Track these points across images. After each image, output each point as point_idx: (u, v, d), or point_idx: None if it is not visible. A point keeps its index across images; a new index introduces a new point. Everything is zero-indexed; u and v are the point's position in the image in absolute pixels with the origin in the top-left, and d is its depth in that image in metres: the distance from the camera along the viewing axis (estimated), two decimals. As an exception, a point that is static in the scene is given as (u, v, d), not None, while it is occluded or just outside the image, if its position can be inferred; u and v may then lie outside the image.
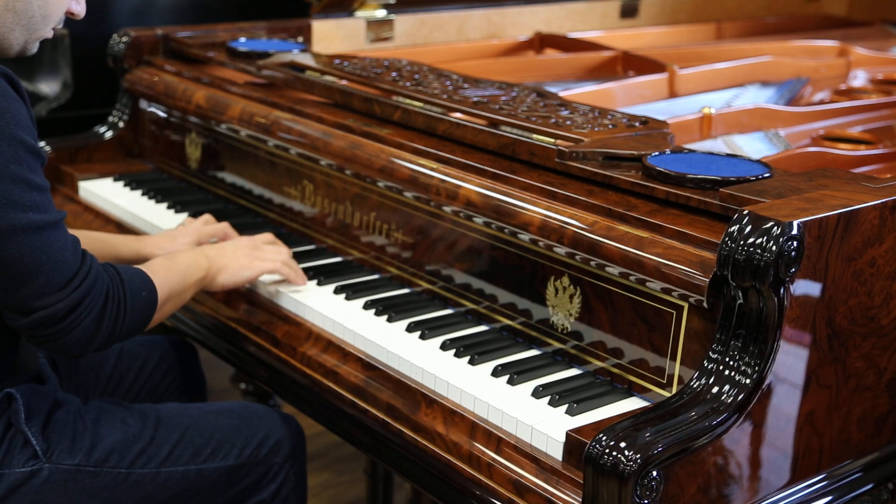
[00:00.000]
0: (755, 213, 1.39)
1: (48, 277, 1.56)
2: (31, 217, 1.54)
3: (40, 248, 1.55)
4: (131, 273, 1.71)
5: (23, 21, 1.62)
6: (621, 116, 1.93)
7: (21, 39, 1.64)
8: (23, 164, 1.54)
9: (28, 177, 1.54)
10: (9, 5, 1.60)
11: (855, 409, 1.57)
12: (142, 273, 1.73)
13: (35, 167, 1.57)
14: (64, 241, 1.59)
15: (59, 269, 1.57)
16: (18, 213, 1.53)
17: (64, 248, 1.58)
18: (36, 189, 1.56)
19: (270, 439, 1.89)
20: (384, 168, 1.97)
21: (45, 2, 1.64)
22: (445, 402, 1.63)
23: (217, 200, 2.47)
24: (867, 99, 2.60)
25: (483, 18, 3.14)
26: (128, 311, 1.66)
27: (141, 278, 1.72)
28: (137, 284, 1.70)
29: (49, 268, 1.55)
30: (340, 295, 1.96)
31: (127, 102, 2.74)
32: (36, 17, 1.63)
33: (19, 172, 1.53)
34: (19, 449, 1.68)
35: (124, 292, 1.66)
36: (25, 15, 1.62)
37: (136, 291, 1.69)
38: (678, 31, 3.35)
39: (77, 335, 1.60)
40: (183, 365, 2.21)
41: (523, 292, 1.76)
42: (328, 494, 3.15)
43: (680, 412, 1.38)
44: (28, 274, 1.55)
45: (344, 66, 2.32)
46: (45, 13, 1.64)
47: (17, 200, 1.53)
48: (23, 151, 1.53)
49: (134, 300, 1.68)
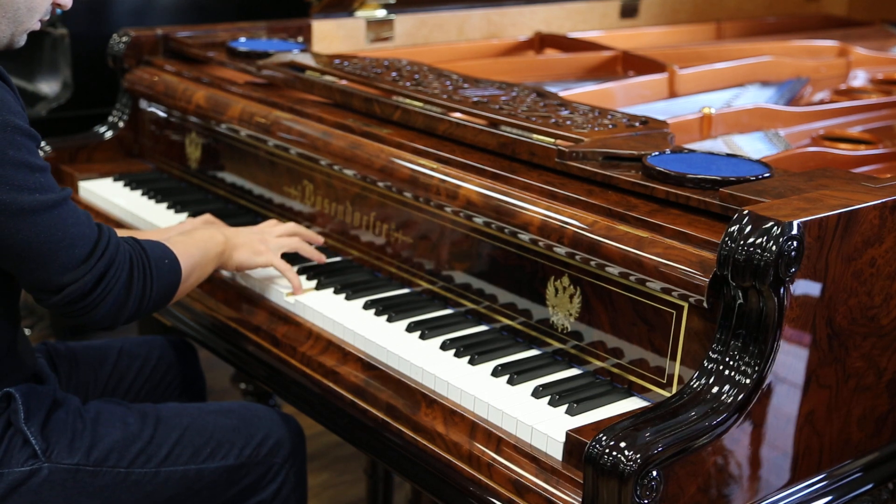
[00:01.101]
0: (755, 213, 1.39)
1: (68, 253, 1.59)
2: (38, 198, 1.56)
3: (54, 225, 1.57)
4: (151, 243, 1.74)
5: (8, 14, 1.63)
6: (621, 116, 1.93)
7: (7, 32, 1.65)
8: (21, 149, 1.56)
9: (28, 159, 1.57)
10: None
11: (855, 409, 1.57)
12: (160, 243, 1.76)
13: (32, 149, 1.59)
14: (76, 215, 1.62)
15: (78, 244, 1.60)
16: (25, 196, 1.55)
17: (78, 223, 1.61)
18: (38, 170, 1.58)
19: (270, 439, 1.89)
20: (384, 168, 1.97)
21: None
22: (445, 402, 1.63)
23: (217, 200, 2.47)
24: (867, 99, 2.60)
25: (483, 18, 3.14)
26: (154, 277, 1.69)
27: (161, 247, 1.75)
28: (159, 253, 1.73)
29: (67, 243, 1.59)
30: (340, 295, 1.96)
31: (127, 102, 2.74)
32: (21, 10, 1.65)
33: (19, 157, 1.55)
34: (18, 448, 1.69)
35: (147, 259, 1.69)
36: (11, 7, 1.63)
37: (159, 258, 1.72)
38: (678, 31, 3.35)
39: (108, 305, 1.63)
40: (183, 365, 2.21)
41: (523, 292, 1.76)
42: (328, 494, 3.15)
43: (680, 412, 1.38)
44: (48, 253, 1.58)
45: (344, 66, 2.32)
46: (31, 5, 1.65)
47: (22, 184, 1.55)
48: (18, 135, 1.56)
49: (159, 267, 1.71)
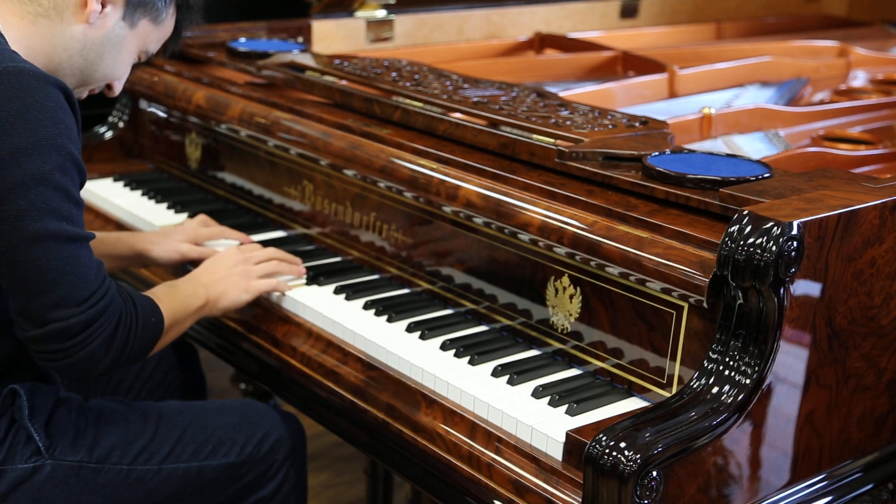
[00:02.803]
0: (755, 214, 1.39)
1: (68, 290, 1.56)
2: (65, 227, 1.55)
3: (66, 258, 1.55)
4: (142, 299, 1.72)
5: (86, 72, 1.72)
6: (621, 116, 1.93)
7: (72, 85, 1.71)
8: (67, 175, 1.55)
9: (69, 188, 1.56)
10: (83, 52, 1.69)
11: (855, 409, 1.57)
12: (151, 300, 1.74)
13: (76, 182, 1.59)
14: (89, 259, 1.60)
15: (80, 284, 1.57)
16: (53, 221, 1.54)
17: (89, 266, 1.59)
18: (74, 202, 1.57)
19: (271, 437, 1.89)
20: (384, 168, 1.97)
21: (113, 66, 1.74)
22: (445, 402, 1.63)
23: (217, 200, 2.47)
24: (867, 99, 2.60)
25: (483, 18, 3.14)
26: (137, 336, 1.66)
27: (151, 305, 1.72)
28: (147, 310, 1.70)
29: (71, 280, 1.56)
30: (340, 295, 1.96)
31: (127, 102, 2.74)
32: (97, 74, 1.74)
33: (62, 182, 1.55)
34: (22, 445, 1.69)
35: (137, 317, 1.67)
36: (91, 67, 1.72)
37: (147, 317, 1.69)
38: (678, 31, 3.35)
39: (86, 354, 1.60)
40: (183, 365, 2.21)
41: (523, 292, 1.76)
42: (328, 494, 3.15)
43: (680, 412, 1.38)
44: (50, 282, 1.55)
45: (344, 66, 2.32)
46: (106, 74, 1.75)
47: (56, 208, 1.54)
48: (69, 163, 1.56)
49: (144, 326, 1.68)
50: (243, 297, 1.92)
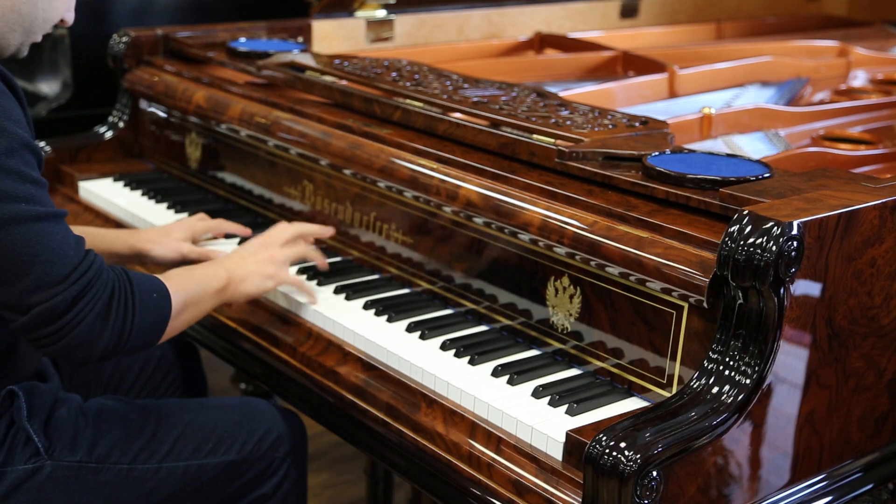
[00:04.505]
0: (755, 213, 1.39)
1: (44, 270, 1.51)
2: (23, 207, 1.51)
3: (34, 238, 1.51)
4: (141, 276, 1.66)
5: (25, 23, 1.63)
6: (621, 116, 1.94)
7: (18, 41, 1.65)
8: (14, 156, 1.51)
9: (20, 169, 1.52)
10: (15, 6, 1.61)
11: (855, 409, 1.57)
12: (154, 278, 1.68)
13: (29, 161, 1.54)
14: (64, 235, 1.55)
15: (56, 262, 1.51)
16: (9, 204, 1.50)
17: (64, 242, 1.54)
18: (30, 182, 1.53)
19: (272, 434, 1.89)
20: (384, 168, 1.97)
21: (49, 6, 1.65)
22: (445, 402, 1.63)
23: (217, 200, 2.47)
24: (867, 99, 2.60)
25: (483, 18, 3.14)
26: (136, 311, 1.59)
27: (151, 281, 1.66)
28: (147, 286, 1.64)
29: (45, 259, 1.51)
30: (340, 295, 1.96)
31: (127, 102, 2.74)
32: (38, 21, 1.65)
33: (11, 164, 1.51)
34: (21, 446, 1.69)
35: (132, 291, 1.60)
36: (29, 17, 1.63)
37: (146, 292, 1.62)
38: (678, 31, 3.35)
39: (80, 333, 1.54)
40: (184, 365, 2.21)
41: (523, 292, 1.76)
42: (328, 494, 3.15)
43: (680, 412, 1.38)
44: (23, 267, 1.50)
45: (344, 66, 2.32)
46: (47, 17, 1.66)
47: (9, 191, 1.50)
48: (16, 144, 1.52)
49: (144, 300, 1.61)
50: (267, 284, 1.87)
